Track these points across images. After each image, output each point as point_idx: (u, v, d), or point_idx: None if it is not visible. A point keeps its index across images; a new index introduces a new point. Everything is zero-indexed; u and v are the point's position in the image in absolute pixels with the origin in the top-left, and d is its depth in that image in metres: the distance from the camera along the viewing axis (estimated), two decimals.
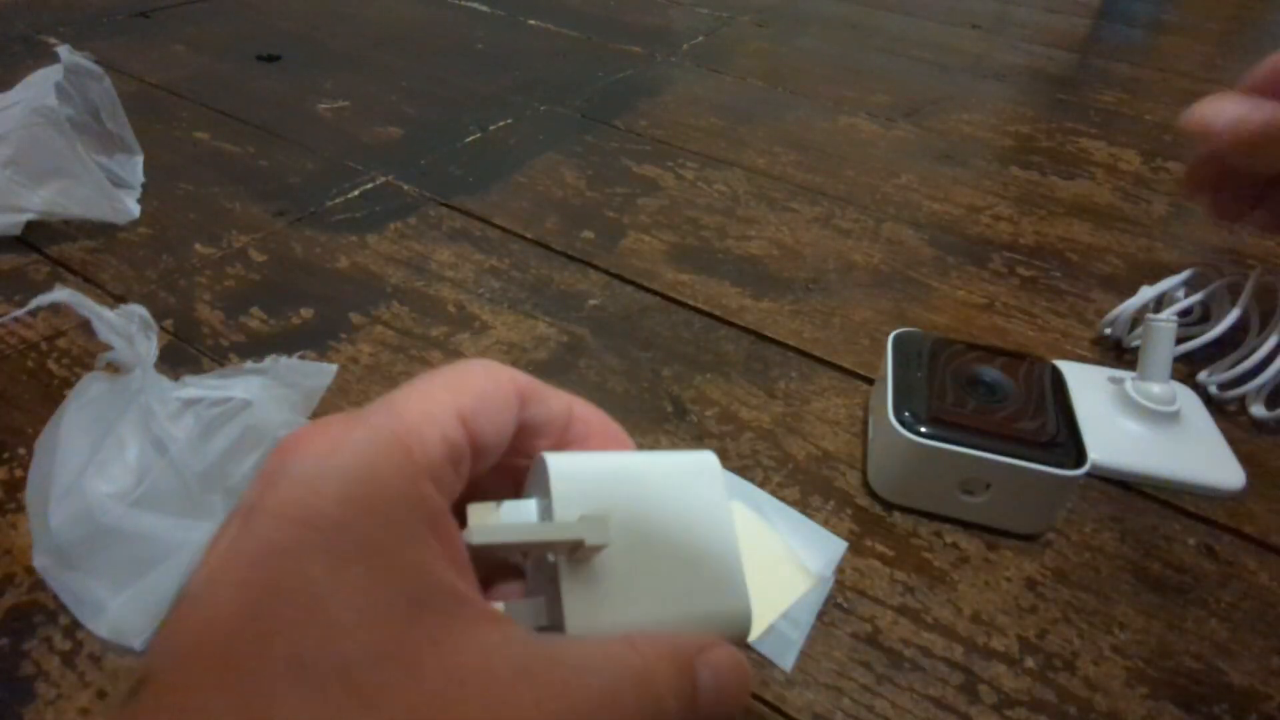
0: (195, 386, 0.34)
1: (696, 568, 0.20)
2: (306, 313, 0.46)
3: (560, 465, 0.19)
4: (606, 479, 0.20)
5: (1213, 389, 0.43)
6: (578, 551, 0.18)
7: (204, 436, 0.32)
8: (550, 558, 0.18)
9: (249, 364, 0.36)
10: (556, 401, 0.21)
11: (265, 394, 0.34)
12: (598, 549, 0.18)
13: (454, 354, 0.44)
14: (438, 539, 0.15)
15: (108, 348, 0.32)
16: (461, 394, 0.18)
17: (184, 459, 0.30)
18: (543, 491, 0.19)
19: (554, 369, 0.43)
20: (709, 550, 0.20)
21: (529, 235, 0.55)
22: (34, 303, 0.32)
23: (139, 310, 0.33)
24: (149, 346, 0.33)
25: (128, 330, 0.32)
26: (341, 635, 0.13)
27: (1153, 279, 0.47)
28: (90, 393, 0.32)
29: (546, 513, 0.19)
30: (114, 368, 0.33)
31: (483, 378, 0.19)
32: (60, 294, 0.31)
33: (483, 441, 0.18)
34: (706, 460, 0.21)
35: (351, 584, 0.13)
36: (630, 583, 0.19)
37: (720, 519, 0.20)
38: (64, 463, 0.30)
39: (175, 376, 0.35)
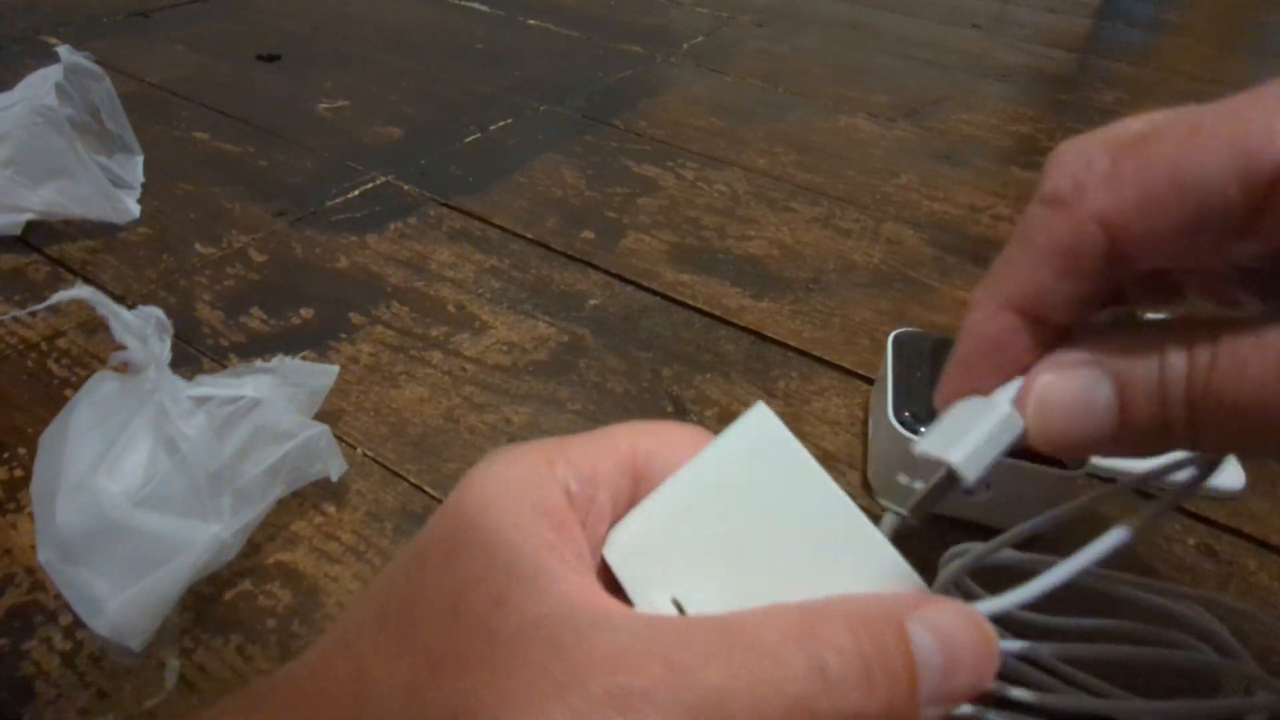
0: (207, 385, 0.34)
1: (827, 550, 0.16)
2: (306, 313, 0.46)
3: (621, 550, 0.17)
4: (674, 523, 0.17)
5: None
6: None
7: (218, 435, 0.32)
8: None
9: (258, 363, 0.36)
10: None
11: (275, 393, 0.34)
12: None
13: (454, 354, 0.44)
14: (558, 537, 0.16)
15: (116, 347, 0.32)
16: (641, 434, 0.18)
17: (197, 458, 0.30)
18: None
19: (554, 369, 0.43)
20: (830, 527, 0.17)
21: (529, 235, 0.55)
22: (55, 298, 0.32)
23: (156, 312, 0.33)
24: (163, 348, 0.33)
25: (143, 331, 0.32)
26: (425, 606, 0.15)
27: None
28: (100, 391, 0.32)
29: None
30: (124, 367, 0.33)
31: (676, 429, 0.19)
32: (81, 291, 0.31)
33: (653, 478, 0.18)
34: (764, 425, 0.18)
35: (446, 564, 0.15)
36: (757, 581, 0.16)
37: (817, 483, 0.17)
38: (73, 459, 0.30)
39: (179, 376, 0.35)
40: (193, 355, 0.43)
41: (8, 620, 0.30)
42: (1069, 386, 0.17)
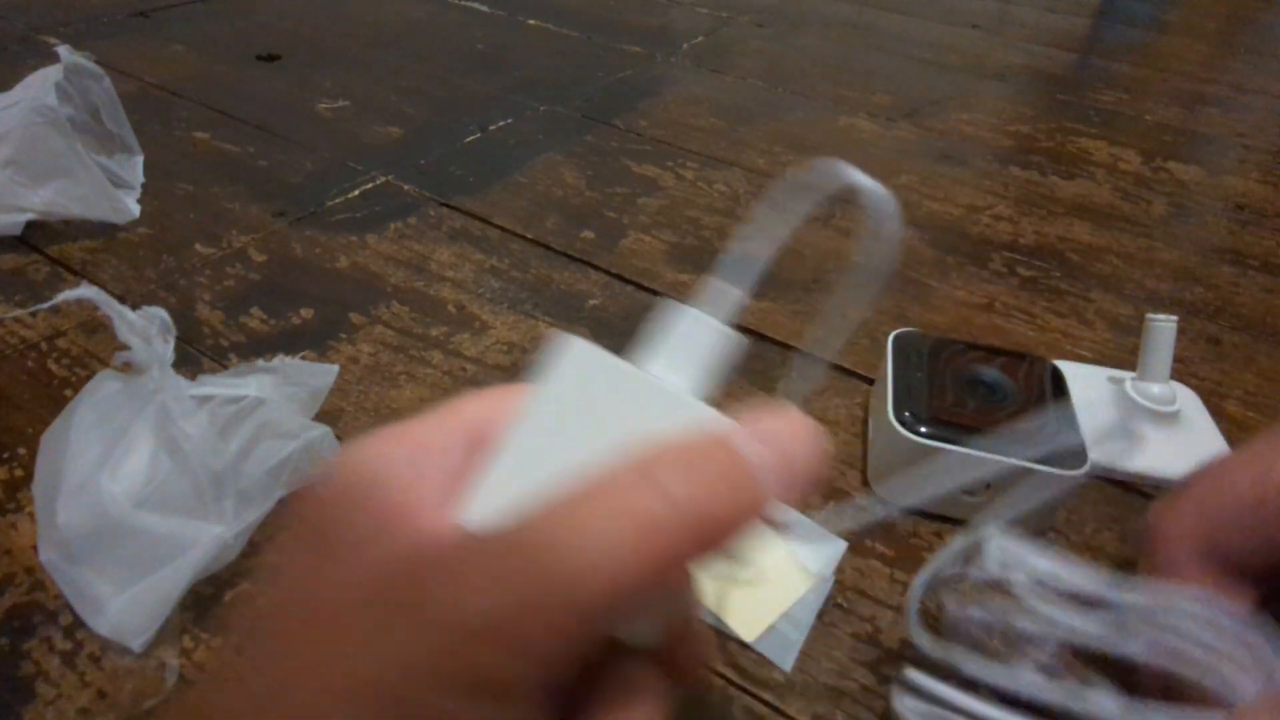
0: (209, 385, 0.34)
1: (648, 425, 0.17)
2: (306, 313, 0.46)
3: (479, 515, 0.18)
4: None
5: None
6: None
7: (221, 435, 0.32)
8: None
9: (260, 362, 0.36)
10: None
11: (276, 392, 0.34)
12: None
13: (454, 354, 0.44)
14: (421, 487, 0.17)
15: (117, 347, 0.32)
16: (484, 402, 0.19)
17: (200, 458, 0.30)
18: None
19: None
20: (650, 410, 0.18)
21: (529, 235, 0.55)
22: (59, 297, 0.32)
23: (160, 313, 0.33)
24: (166, 348, 0.33)
25: (146, 331, 0.32)
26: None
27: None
28: (103, 391, 0.32)
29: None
30: (127, 367, 0.33)
31: (516, 391, 0.20)
32: (85, 291, 0.31)
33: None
34: (574, 349, 0.18)
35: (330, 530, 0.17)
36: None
37: (633, 380, 0.18)
38: (75, 459, 0.30)
39: (181, 376, 0.35)
40: (193, 355, 0.43)
41: (8, 620, 0.30)
42: None
